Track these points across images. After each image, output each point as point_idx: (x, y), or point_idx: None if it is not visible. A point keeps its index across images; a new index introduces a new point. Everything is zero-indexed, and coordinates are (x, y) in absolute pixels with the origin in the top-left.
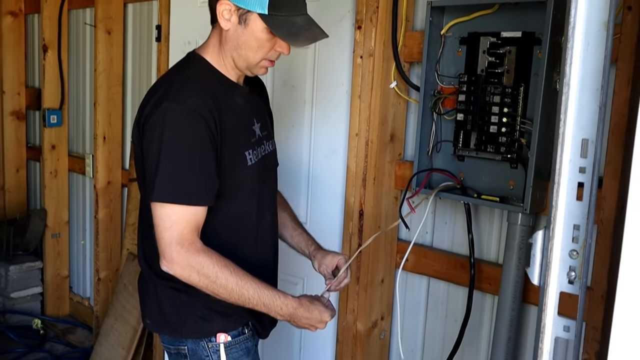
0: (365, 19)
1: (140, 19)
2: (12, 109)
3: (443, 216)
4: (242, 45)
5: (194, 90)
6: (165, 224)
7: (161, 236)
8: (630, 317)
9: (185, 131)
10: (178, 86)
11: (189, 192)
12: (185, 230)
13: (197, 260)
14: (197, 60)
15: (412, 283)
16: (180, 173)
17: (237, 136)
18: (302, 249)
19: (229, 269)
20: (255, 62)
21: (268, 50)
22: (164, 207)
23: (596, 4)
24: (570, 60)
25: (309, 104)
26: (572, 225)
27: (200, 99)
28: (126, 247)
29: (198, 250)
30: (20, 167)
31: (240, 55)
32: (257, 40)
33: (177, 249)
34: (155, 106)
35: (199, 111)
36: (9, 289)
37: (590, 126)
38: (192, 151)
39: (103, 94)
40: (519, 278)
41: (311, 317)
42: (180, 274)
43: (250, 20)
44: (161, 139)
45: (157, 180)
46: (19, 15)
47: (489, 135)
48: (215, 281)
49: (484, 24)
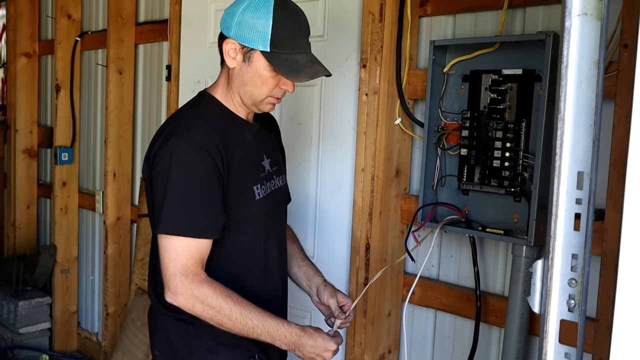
0: (370, 57)
1: (150, 59)
2: (24, 146)
3: (449, 249)
4: (247, 82)
5: (202, 127)
6: (170, 255)
7: (166, 267)
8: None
9: (192, 166)
10: (186, 123)
11: (195, 225)
12: (189, 262)
13: (201, 291)
14: (207, 98)
15: (419, 316)
16: (187, 207)
17: (245, 171)
18: (309, 280)
19: (233, 300)
20: (260, 98)
21: (272, 88)
22: (169, 240)
23: (587, 45)
24: (564, 97)
25: (315, 141)
26: (571, 254)
27: (207, 135)
28: (135, 282)
29: (202, 282)
30: (31, 203)
31: (246, 92)
32: (261, 77)
33: (181, 280)
34: (164, 142)
35: (206, 147)
36: (18, 325)
37: (585, 159)
38: (199, 186)
39: (114, 132)
40: (525, 310)
41: (316, 345)
42: (184, 304)
43: (254, 58)
44: (168, 173)
45: (163, 213)
46: (33, 56)
47: (493, 170)
48: (219, 311)
49: (486, 62)
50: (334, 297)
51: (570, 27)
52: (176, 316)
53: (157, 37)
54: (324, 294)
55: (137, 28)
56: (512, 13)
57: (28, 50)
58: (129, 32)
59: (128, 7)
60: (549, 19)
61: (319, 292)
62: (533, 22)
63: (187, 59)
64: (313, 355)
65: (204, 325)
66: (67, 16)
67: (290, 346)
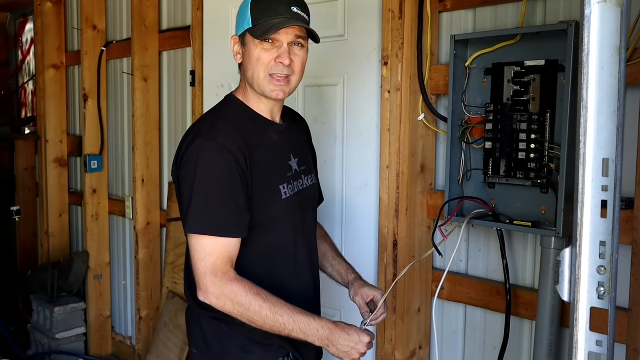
0: (391, 55)
1: (174, 65)
2: (54, 156)
3: (477, 243)
4: (248, 66)
5: (225, 128)
6: (199, 255)
7: (196, 267)
8: None
9: (216, 167)
10: (210, 125)
11: (220, 224)
12: (218, 261)
13: (231, 289)
14: (232, 101)
15: (448, 311)
16: (212, 206)
17: (270, 170)
18: (343, 277)
19: (262, 297)
20: (260, 79)
21: (267, 63)
22: (198, 239)
23: (608, 31)
24: (587, 85)
25: (340, 140)
26: (599, 241)
27: (230, 136)
28: (166, 286)
29: (231, 280)
30: (63, 212)
31: (249, 78)
32: (254, 55)
33: (211, 279)
34: (189, 145)
35: (229, 148)
36: (54, 330)
37: (609, 146)
38: (223, 186)
39: (141, 139)
40: (556, 302)
41: (350, 338)
42: (216, 303)
43: (246, 40)
44: (194, 174)
45: (189, 214)
46: (61, 67)
47: (518, 162)
48: (249, 308)
49: (508, 55)
50: (358, 294)
51: (590, 14)
52: (211, 315)
53: (180, 44)
54: (351, 290)
55: (160, 35)
56: (533, 4)
57: (56, 62)
58: (153, 40)
59: (151, 15)
60: (570, 8)
61: (349, 289)
62: (554, 12)
63: (210, 64)
64: (347, 349)
65: (237, 324)
66: (92, 27)
67: (323, 341)
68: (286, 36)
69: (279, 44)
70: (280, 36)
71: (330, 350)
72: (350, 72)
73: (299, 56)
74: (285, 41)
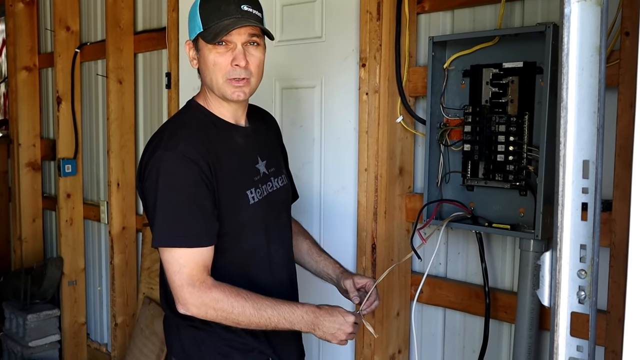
0: (369, 56)
1: (150, 67)
2: (27, 160)
3: (456, 246)
4: (205, 71)
5: (185, 137)
6: (173, 268)
7: (172, 280)
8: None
9: (179, 176)
10: (169, 134)
11: (189, 235)
12: (194, 272)
13: (211, 297)
14: (193, 107)
15: (428, 315)
16: (179, 217)
17: (236, 176)
18: (329, 273)
19: (242, 296)
20: (219, 83)
21: (225, 67)
22: (170, 252)
23: (588, 31)
24: (567, 85)
25: (317, 142)
26: (579, 245)
27: (191, 144)
28: (142, 292)
29: (209, 287)
30: (37, 216)
31: (208, 83)
32: (209, 60)
33: (189, 290)
34: (151, 155)
35: (190, 156)
36: (27, 338)
37: (589, 147)
38: (188, 195)
39: (116, 142)
40: (535, 305)
41: (334, 319)
42: (197, 313)
43: (200, 45)
44: (157, 186)
45: (155, 226)
46: (33, 69)
47: (497, 164)
48: (232, 311)
49: (486, 56)
50: (349, 279)
51: (569, 13)
52: (188, 323)
53: (155, 45)
54: (342, 280)
55: (135, 37)
56: (511, 6)
57: (28, 64)
58: (128, 42)
59: (126, 16)
60: (548, 10)
61: (339, 281)
62: (532, 14)
63: (186, 65)
64: (333, 330)
65: (216, 331)
66: (65, 28)
67: (310, 326)
68: (239, 37)
69: (232, 46)
70: (232, 37)
71: (317, 334)
72: (328, 74)
73: (254, 56)
74: (239, 42)
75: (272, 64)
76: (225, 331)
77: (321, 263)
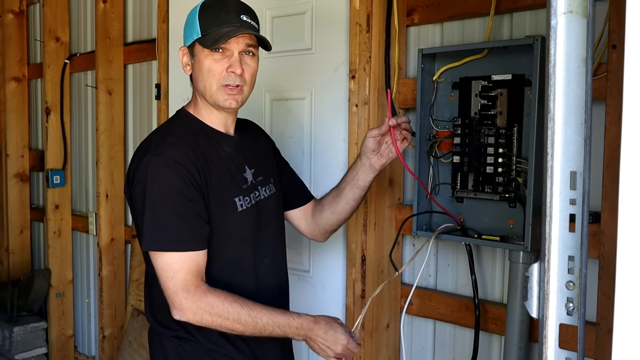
0: (358, 68)
1: (140, 78)
2: (15, 171)
3: (445, 258)
4: (199, 77)
5: (174, 142)
6: (167, 274)
7: (166, 286)
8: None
9: (169, 181)
10: (158, 140)
11: (182, 238)
12: (188, 277)
13: (206, 302)
14: (183, 115)
15: (417, 327)
16: (170, 222)
17: (225, 183)
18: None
19: (239, 303)
20: (213, 90)
21: (220, 74)
22: (162, 257)
23: (574, 42)
24: (554, 96)
25: (307, 154)
26: (567, 256)
27: (180, 149)
28: (130, 304)
29: (205, 293)
30: (24, 228)
31: (201, 90)
32: (205, 66)
33: (185, 296)
34: (139, 161)
35: (179, 161)
36: (13, 351)
37: (577, 158)
38: (177, 199)
39: (105, 153)
40: (525, 317)
41: (326, 338)
42: (193, 318)
43: (196, 51)
44: (147, 191)
45: (148, 232)
46: (22, 80)
47: (486, 176)
48: (228, 317)
49: (475, 69)
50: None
51: (556, 25)
52: (172, 334)
53: (145, 57)
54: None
55: (125, 48)
56: (500, 19)
57: (17, 75)
58: (118, 53)
59: (116, 27)
60: (536, 23)
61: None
62: (520, 27)
63: (176, 76)
64: (323, 347)
65: (200, 342)
66: (55, 39)
67: (303, 337)
68: (237, 45)
69: (229, 53)
70: (230, 45)
71: (311, 346)
72: (318, 86)
73: (249, 66)
74: (236, 50)
75: (262, 75)
76: (209, 343)
77: (345, 189)
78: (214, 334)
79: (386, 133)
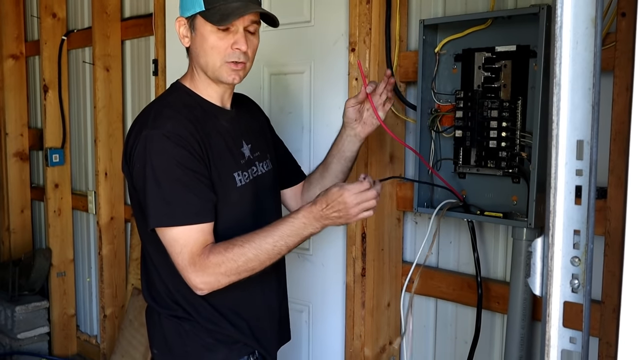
0: (358, 41)
1: (137, 54)
2: (15, 150)
3: (447, 236)
4: (200, 53)
5: (172, 115)
6: (175, 250)
7: (176, 262)
8: (637, 329)
9: (170, 154)
10: (155, 114)
11: (186, 212)
12: (194, 249)
13: (212, 267)
14: (178, 88)
15: (419, 305)
16: (175, 195)
17: (224, 158)
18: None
19: (238, 245)
20: (217, 66)
21: (224, 50)
22: (169, 232)
23: (582, 1)
24: (560, 60)
25: (307, 130)
26: (572, 230)
27: (179, 122)
28: (131, 283)
29: (206, 256)
30: (25, 207)
31: (204, 64)
32: (208, 41)
33: (192, 270)
34: (137, 136)
35: (180, 133)
36: (16, 330)
37: (584, 126)
38: (180, 172)
39: (103, 131)
40: (527, 295)
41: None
42: (211, 287)
43: (197, 24)
44: (147, 166)
45: (151, 206)
46: (20, 58)
47: (489, 151)
48: (240, 265)
49: (478, 40)
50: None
51: None
52: (170, 313)
53: (143, 32)
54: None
55: (122, 24)
56: None
57: (15, 52)
58: (115, 28)
59: (113, 3)
60: None
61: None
62: None
63: (173, 52)
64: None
65: (199, 322)
66: (52, 15)
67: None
68: (242, 21)
69: (234, 29)
70: (237, 21)
71: (330, 225)
72: (317, 59)
73: (253, 42)
74: (241, 26)
75: (261, 49)
76: (208, 323)
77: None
78: (212, 314)
79: (365, 101)
